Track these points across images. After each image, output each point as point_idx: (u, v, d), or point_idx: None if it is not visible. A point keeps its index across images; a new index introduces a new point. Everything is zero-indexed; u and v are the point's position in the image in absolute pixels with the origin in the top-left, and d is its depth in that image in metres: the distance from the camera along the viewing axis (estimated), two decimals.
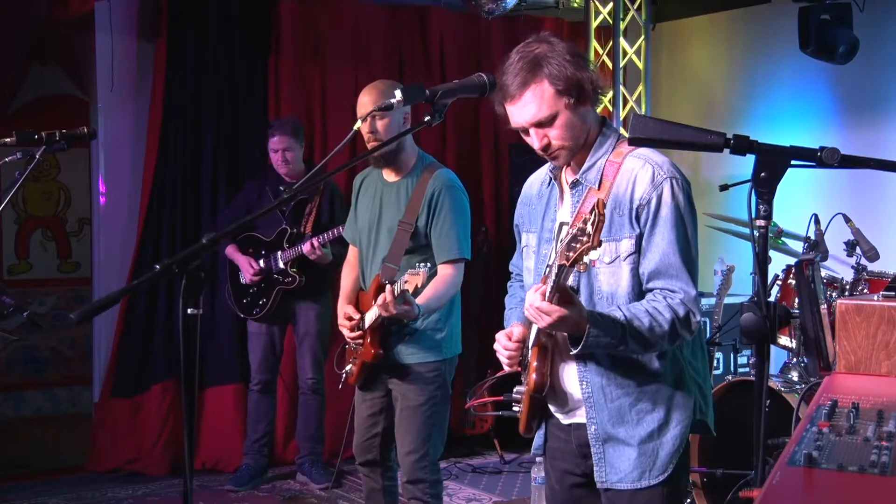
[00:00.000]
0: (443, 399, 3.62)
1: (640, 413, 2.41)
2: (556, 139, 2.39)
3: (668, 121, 2.01)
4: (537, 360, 2.40)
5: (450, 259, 3.51)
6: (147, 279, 2.06)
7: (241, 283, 5.26)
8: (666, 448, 2.42)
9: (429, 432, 3.59)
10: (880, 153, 2.22)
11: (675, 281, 2.35)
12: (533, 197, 2.64)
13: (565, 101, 2.36)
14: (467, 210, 3.62)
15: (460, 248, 3.53)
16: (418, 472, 3.59)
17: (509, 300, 2.77)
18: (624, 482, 2.42)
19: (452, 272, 3.52)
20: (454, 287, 3.54)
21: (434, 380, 3.57)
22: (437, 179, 3.56)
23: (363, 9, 6.03)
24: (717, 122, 6.09)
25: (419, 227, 3.52)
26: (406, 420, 3.59)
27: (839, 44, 5.14)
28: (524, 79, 2.36)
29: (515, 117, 2.41)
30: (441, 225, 3.52)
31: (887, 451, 1.63)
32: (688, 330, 2.36)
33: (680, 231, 2.36)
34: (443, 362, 3.59)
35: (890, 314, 2.00)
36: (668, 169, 2.38)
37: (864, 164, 1.95)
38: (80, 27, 5.80)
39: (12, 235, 6.90)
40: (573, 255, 2.14)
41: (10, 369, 6.86)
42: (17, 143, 3.11)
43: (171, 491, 5.24)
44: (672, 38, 6.65)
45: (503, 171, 6.38)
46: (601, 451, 2.44)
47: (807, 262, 3.73)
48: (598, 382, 2.41)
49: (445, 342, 3.60)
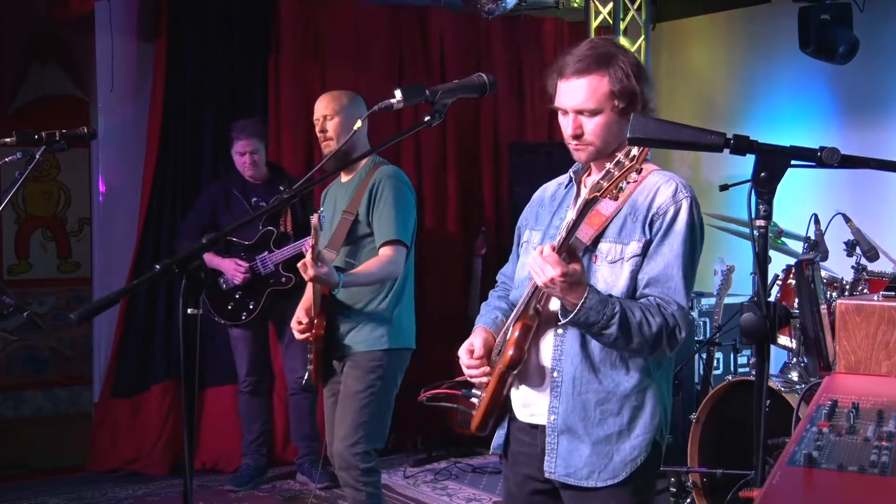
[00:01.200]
0: (382, 390, 3.63)
1: (605, 413, 2.39)
2: (589, 133, 2.40)
3: (668, 121, 2.00)
4: (519, 334, 2.37)
5: (387, 240, 3.57)
6: (147, 279, 2.06)
7: (221, 289, 5.19)
8: (621, 454, 2.39)
9: (363, 420, 3.59)
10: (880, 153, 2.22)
11: (672, 293, 2.35)
12: (546, 199, 2.64)
13: (614, 103, 2.38)
14: (410, 201, 3.68)
15: (398, 230, 3.58)
16: (349, 457, 3.58)
17: (484, 306, 2.71)
18: (572, 478, 2.40)
19: (389, 253, 3.58)
20: (389, 266, 3.58)
21: (374, 369, 3.60)
22: (381, 172, 3.67)
23: (363, 9, 6.03)
24: (717, 122, 6.09)
25: (360, 216, 3.60)
26: (342, 407, 3.63)
27: (839, 44, 5.14)
28: (588, 65, 2.37)
29: (562, 96, 2.42)
30: (381, 210, 3.59)
31: (887, 451, 1.63)
32: (671, 343, 2.34)
33: (688, 249, 2.37)
34: (386, 353, 3.62)
35: (890, 314, 2.00)
36: (690, 191, 2.42)
37: (864, 164, 1.94)
38: (80, 27, 5.80)
39: (12, 235, 6.90)
40: (608, 183, 2.11)
41: (10, 369, 6.86)
42: (17, 143, 3.11)
43: (171, 491, 5.24)
44: (672, 38, 6.65)
45: (503, 171, 6.38)
46: (555, 441, 2.41)
47: (807, 262, 3.73)
48: (571, 373, 2.39)
49: (391, 333, 3.63)
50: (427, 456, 5.86)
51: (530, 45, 6.53)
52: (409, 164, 6.13)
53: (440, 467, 5.72)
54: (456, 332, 6.10)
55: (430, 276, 6.23)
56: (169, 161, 5.58)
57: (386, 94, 2.35)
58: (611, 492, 2.39)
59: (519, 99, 6.47)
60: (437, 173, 6.26)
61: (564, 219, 2.50)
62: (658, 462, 2.47)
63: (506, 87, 6.28)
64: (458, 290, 6.24)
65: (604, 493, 2.39)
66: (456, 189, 6.30)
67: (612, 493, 2.39)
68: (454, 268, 6.29)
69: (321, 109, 3.81)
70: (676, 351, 2.41)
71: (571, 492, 2.43)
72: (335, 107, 3.79)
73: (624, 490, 2.40)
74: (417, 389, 6.33)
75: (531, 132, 6.49)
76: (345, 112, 3.78)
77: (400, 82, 5.95)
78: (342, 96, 3.85)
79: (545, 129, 6.49)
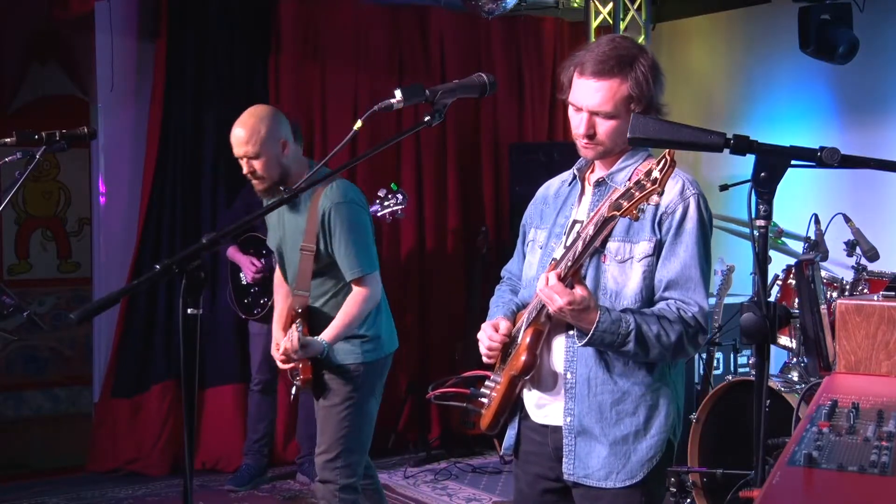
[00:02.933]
0: (361, 402, 3.56)
1: (620, 414, 2.39)
2: (601, 134, 2.40)
3: (668, 120, 2.01)
4: (530, 340, 2.38)
5: (356, 277, 3.47)
6: (147, 279, 2.06)
7: (242, 283, 5.26)
8: (639, 454, 2.40)
9: (343, 434, 3.52)
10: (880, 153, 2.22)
11: (692, 294, 2.35)
12: (549, 196, 2.63)
13: (631, 107, 2.37)
14: (362, 221, 3.52)
15: (361, 264, 3.46)
16: (327, 472, 3.53)
17: (495, 300, 2.72)
18: (590, 479, 2.40)
19: (361, 291, 3.48)
20: (368, 302, 3.49)
21: (352, 381, 3.53)
22: (326, 198, 3.45)
23: (363, 9, 6.03)
24: (717, 122, 6.09)
25: (320, 250, 3.47)
26: (322, 419, 3.57)
27: (839, 44, 5.14)
28: (610, 68, 2.36)
29: (578, 94, 2.40)
30: (338, 246, 3.45)
31: (887, 451, 1.63)
32: (693, 346, 2.36)
33: (701, 247, 2.38)
34: (363, 365, 3.54)
35: (890, 314, 2.00)
36: (697, 187, 2.42)
37: (864, 164, 1.94)
38: (80, 27, 5.80)
39: (12, 235, 6.91)
40: (629, 203, 2.07)
41: (10, 369, 6.86)
42: (17, 143, 3.11)
43: (171, 491, 5.24)
44: (672, 38, 6.65)
45: (503, 171, 6.37)
46: (572, 443, 2.42)
47: (807, 262, 3.73)
48: (585, 374, 2.39)
49: (371, 346, 3.56)
50: (427, 456, 5.86)
51: (530, 45, 6.53)
52: (409, 164, 6.13)
53: (440, 467, 5.72)
54: (457, 333, 6.16)
55: (431, 277, 6.24)
56: (169, 161, 5.57)
57: (386, 94, 2.35)
58: (621, 492, 2.40)
59: (519, 99, 6.47)
60: (437, 173, 6.26)
61: (569, 218, 2.50)
62: (671, 461, 2.48)
63: (506, 87, 6.28)
64: (459, 291, 6.24)
65: (614, 493, 2.40)
66: (456, 189, 6.30)
67: (627, 492, 2.40)
68: (454, 268, 6.29)
69: (241, 147, 3.44)
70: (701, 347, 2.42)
71: (583, 490, 2.43)
72: (256, 143, 3.42)
73: (636, 491, 2.41)
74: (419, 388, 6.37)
75: (531, 132, 6.49)
76: (267, 145, 3.43)
77: (400, 82, 5.95)
78: (260, 126, 3.43)
79: (545, 130, 6.49)
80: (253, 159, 3.43)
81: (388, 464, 5.77)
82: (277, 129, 3.46)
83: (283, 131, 3.48)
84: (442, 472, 5.62)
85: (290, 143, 3.50)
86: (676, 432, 2.47)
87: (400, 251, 6.16)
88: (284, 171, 3.48)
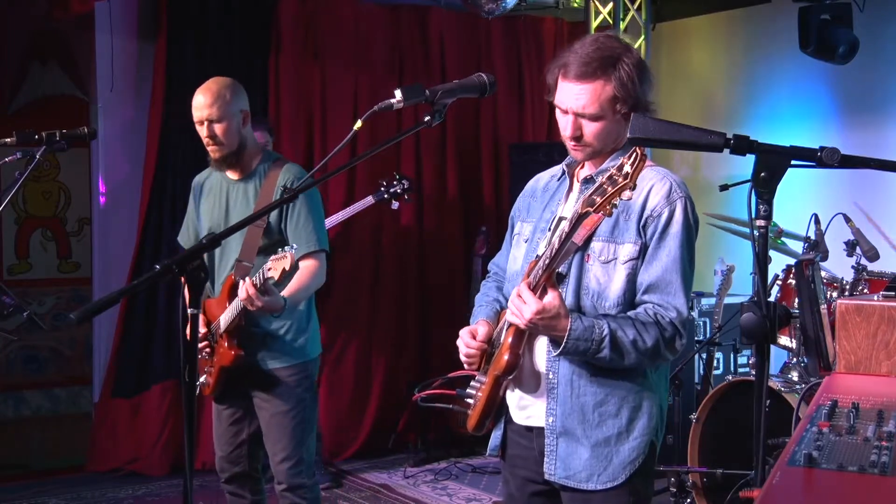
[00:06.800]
0: (311, 401, 3.58)
1: (603, 416, 2.38)
2: (588, 136, 2.39)
3: (668, 121, 2.01)
4: (512, 339, 2.36)
5: (310, 251, 3.46)
6: (147, 279, 2.06)
7: None
8: (621, 456, 2.38)
9: (301, 437, 3.51)
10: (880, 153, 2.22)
11: (672, 298, 2.33)
12: (538, 190, 2.62)
13: (616, 107, 2.36)
14: (320, 203, 3.57)
15: (318, 239, 3.48)
16: (296, 478, 3.51)
17: (479, 298, 2.71)
18: (571, 480, 2.39)
19: (316, 263, 3.48)
20: (319, 278, 3.50)
21: (301, 382, 3.51)
22: (288, 173, 3.49)
23: (363, 9, 6.03)
24: (717, 122, 6.09)
25: (272, 224, 3.46)
26: (276, 428, 3.50)
27: (839, 44, 5.14)
28: (593, 70, 2.34)
29: (563, 96, 2.39)
30: (297, 218, 3.45)
31: (887, 451, 1.63)
32: (671, 351, 2.35)
33: (685, 251, 2.36)
34: (307, 363, 3.54)
35: (890, 314, 2.00)
36: (684, 189, 2.40)
37: (864, 164, 1.94)
38: (80, 27, 5.81)
39: (12, 235, 6.91)
40: (601, 199, 2.07)
41: (10, 369, 6.86)
42: (17, 143, 3.11)
43: (171, 491, 5.24)
44: (672, 38, 6.65)
45: (503, 171, 6.38)
46: (554, 444, 2.41)
47: (807, 262, 3.73)
48: (567, 375, 2.38)
49: (309, 342, 3.56)
50: (427, 456, 5.86)
51: (530, 45, 6.53)
52: (409, 164, 6.13)
53: (440, 467, 5.72)
54: (457, 333, 6.14)
55: (431, 277, 6.23)
56: (169, 161, 5.57)
57: (386, 94, 2.35)
58: (610, 493, 2.39)
59: (519, 99, 6.47)
60: (437, 173, 6.26)
61: (555, 213, 2.49)
62: (654, 461, 2.47)
63: (506, 88, 6.28)
64: (459, 290, 6.24)
65: (603, 494, 2.39)
66: (456, 189, 6.30)
67: (612, 495, 2.39)
68: (454, 268, 6.29)
69: (204, 110, 3.44)
70: (679, 352, 2.41)
71: (571, 493, 2.43)
72: (220, 108, 3.44)
73: (623, 491, 2.39)
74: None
75: (531, 132, 6.49)
76: (230, 112, 3.45)
77: (400, 82, 5.95)
78: (225, 91, 3.46)
79: (545, 130, 6.49)
80: (215, 123, 3.45)
81: (388, 464, 5.77)
82: (240, 99, 3.51)
83: (244, 103, 3.52)
84: (442, 472, 5.63)
85: (249, 118, 3.53)
86: (659, 434, 2.46)
87: (400, 251, 6.16)
88: (242, 143, 3.50)
